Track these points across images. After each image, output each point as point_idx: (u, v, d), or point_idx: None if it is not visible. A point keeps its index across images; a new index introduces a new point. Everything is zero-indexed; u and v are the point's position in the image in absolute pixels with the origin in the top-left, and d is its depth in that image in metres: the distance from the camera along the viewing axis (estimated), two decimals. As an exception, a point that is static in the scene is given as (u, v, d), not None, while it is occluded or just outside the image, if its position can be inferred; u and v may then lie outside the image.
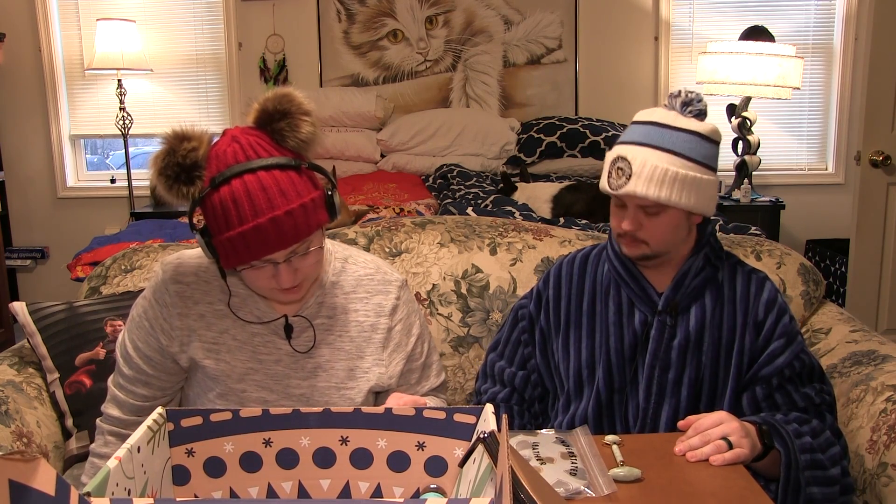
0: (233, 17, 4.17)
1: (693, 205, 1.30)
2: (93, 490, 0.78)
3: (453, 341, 1.79)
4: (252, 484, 1.03)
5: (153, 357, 1.28)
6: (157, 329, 1.27)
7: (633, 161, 1.29)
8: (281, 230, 1.10)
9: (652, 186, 1.28)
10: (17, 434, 1.44)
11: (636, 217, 1.32)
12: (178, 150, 1.11)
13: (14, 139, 4.29)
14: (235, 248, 1.12)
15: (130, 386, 1.29)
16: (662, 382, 1.36)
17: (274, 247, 1.11)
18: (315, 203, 1.14)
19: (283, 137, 1.14)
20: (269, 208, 1.09)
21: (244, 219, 1.09)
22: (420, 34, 4.16)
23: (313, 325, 1.28)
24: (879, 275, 3.31)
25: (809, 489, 1.25)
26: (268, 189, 1.10)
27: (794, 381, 1.35)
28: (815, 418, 1.32)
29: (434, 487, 1.02)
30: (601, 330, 1.42)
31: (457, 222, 1.92)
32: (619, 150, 1.32)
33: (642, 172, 1.28)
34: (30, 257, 4.35)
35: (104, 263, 1.89)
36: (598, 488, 1.08)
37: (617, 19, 4.10)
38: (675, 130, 1.30)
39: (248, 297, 1.28)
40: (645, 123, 1.32)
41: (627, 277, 1.40)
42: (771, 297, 1.38)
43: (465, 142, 3.86)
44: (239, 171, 1.10)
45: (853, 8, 3.95)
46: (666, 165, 1.28)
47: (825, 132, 4.15)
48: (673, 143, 1.29)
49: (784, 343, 1.35)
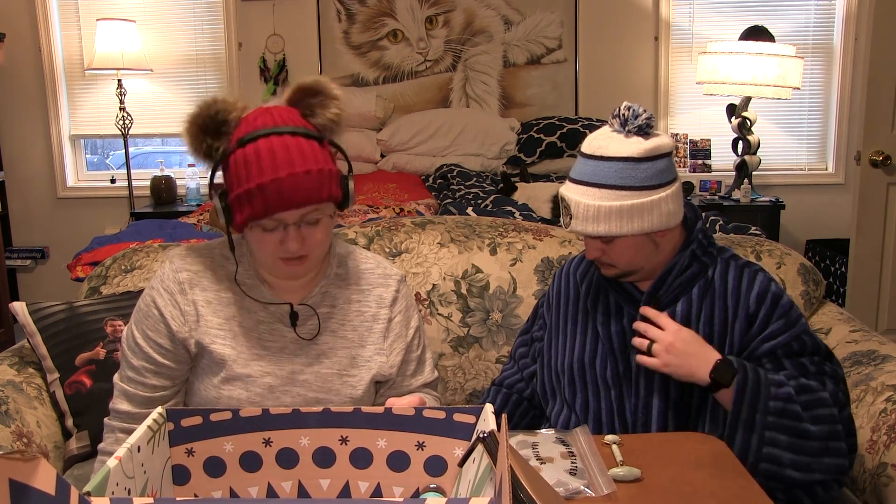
0: (233, 17, 4.17)
1: (642, 228, 1.31)
2: (93, 489, 0.78)
3: (453, 341, 1.79)
4: (252, 484, 1.03)
5: (163, 344, 1.29)
6: (166, 316, 1.28)
7: (570, 203, 1.33)
8: (297, 187, 1.15)
9: (590, 224, 1.31)
10: (17, 434, 1.44)
11: (596, 246, 1.37)
12: (213, 106, 1.19)
13: (14, 139, 4.29)
14: (252, 201, 1.16)
15: (140, 377, 1.30)
16: (650, 378, 1.36)
17: (289, 202, 1.16)
18: (332, 175, 1.20)
19: (312, 113, 1.23)
20: (289, 165, 1.15)
21: (264, 172, 1.15)
22: (420, 34, 4.16)
23: (318, 314, 1.31)
24: (879, 275, 3.31)
25: (770, 433, 1.23)
26: (290, 149, 1.16)
27: (795, 357, 1.32)
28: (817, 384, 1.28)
29: (434, 487, 1.02)
30: (593, 329, 1.44)
31: (457, 222, 1.92)
32: (561, 191, 1.37)
33: (578, 213, 1.32)
34: (30, 257, 4.35)
35: (104, 263, 1.89)
36: (597, 488, 1.08)
37: (617, 19, 4.10)
38: (607, 161, 1.31)
39: (253, 286, 1.30)
40: (584, 157, 1.35)
41: (612, 282, 1.44)
42: (762, 289, 1.36)
43: (465, 142, 3.87)
44: (265, 133, 1.17)
45: (853, 8, 3.95)
46: (597, 203, 1.30)
47: (825, 132, 4.15)
48: (604, 176, 1.31)
49: (783, 325, 1.33)
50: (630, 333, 1.39)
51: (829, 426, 1.25)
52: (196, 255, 1.33)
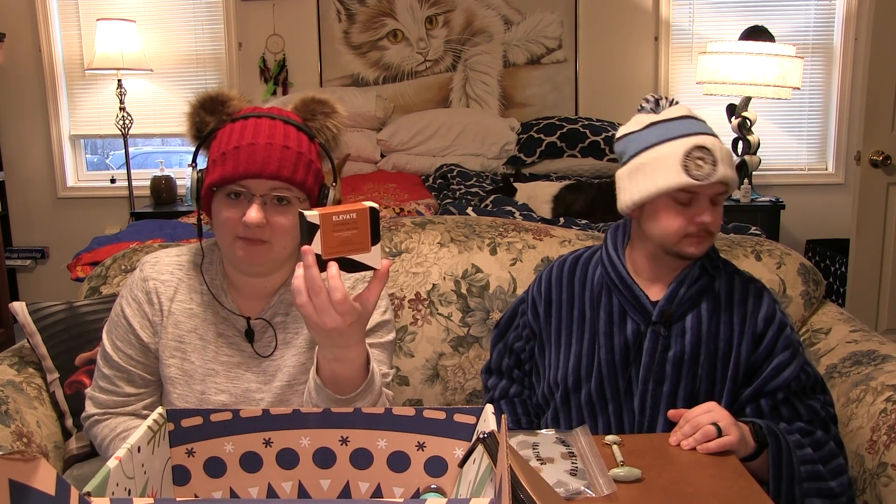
0: (233, 17, 4.17)
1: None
2: (93, 490, 0.78)
3: (453, 341, 1.79)
4: (252, 484, 1.03)
5: (132, 355, 1.29)
6: (135, 326, 1.28)
7: (713, 148, 1.28)
8: (272, 156, 1.16)
9: (729, 169, 1.30)
10: (17, 434, 1.44)
11: (708, 208, 1.31)
12: (220, 90, 1.25)
13: (14, 139, 4.29)
14: (226, 160, 1.17)
15: (112, 386, 1.29)
16: (657, 395, 1.35)
17: (261, 168, 1.15)
18: (311, 165, 1.21)
19: (313, 117, 1.26)
20: (270, 136, 1.17)
21: (244, 137, 1.17)
22: (420, 34, 4.16)
23: (273, 325, 1.28)
24: (879, 275, 3.31)
25: (811, 501, 1.25)
26: (276, 127, 1.19)
27: (799, 395, 1.34)
28: (819, 430, 1.32)
29: (434, 488, 1.02)
30: (591, 338, 1.40)
31: (457, 222, 1.92)
32: (694, 141, 1.29)
33: (725, 158, 1.29)
34: (30, 257, 4.35)
35: (104, 263, 1.89)
36: (598, 488, 1.07)
37: (617, 19, 4.10)
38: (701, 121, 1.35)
39: (220, 293, 1.29)
40: (675, 119, 1.34)
41: (620, 284, 1.39)
42: (770, 310, 1.36)
43: (465, 142, 3.86)
44: (257, 115, 1.21)
45: (853, 8, 3.95)
46: (726, 147, 1.32)
47: (825, 132, 4.15)
48: (705, 126, 1.34)
49: (789, 356, 1.34)
50: (633, 347, 1.36)
51: (844, 476, 1.29)
52: (165, 264, 1.32)
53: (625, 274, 1.39)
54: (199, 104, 1.25)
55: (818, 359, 1.67)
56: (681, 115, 1.33)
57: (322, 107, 1.26)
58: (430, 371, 1.78)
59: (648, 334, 1.35)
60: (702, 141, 1.29)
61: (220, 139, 1.20)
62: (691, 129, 1.31)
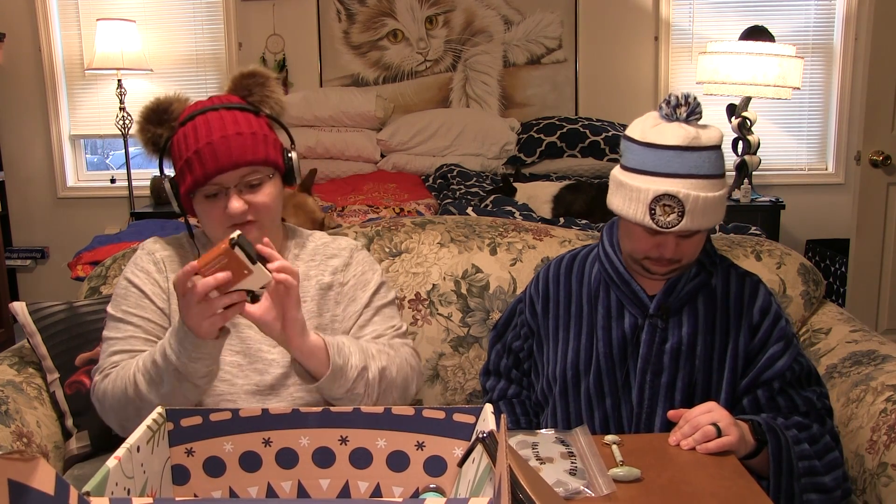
0: (233, 17, 4.17)
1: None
2: (92, 489, 0.78)
3: (453, 341, 1.79)
4: (252, 484, 1.03)
5: (147, 316, 1.32)
6: (147, 292, 1.33)
7: (684, 200, 1.23)
8: (230, 147, 1.23)
9: (700, 218, 1.24)
10: (17, 434, 1.44)
11: (672, 241, 1.28)
12: (155, 101, 1.33)
13: (14, 139, 4.29)
14: (191, 169, 1.24)
15: (127, 346, 1.29)
16: (655, 387, 1.35)
17: (225, 162, 1.22)
18: (267, 139, 1.28)
19: (250, 93, 1.32)
20: (222, 129, 1.24)
21: (199, 139, 1.24)
22: (420, 34, 4.16)
23: None
24: (879, 275, 3.31)
25: (807, 496, 1.26)
26: (224, 118, 1.26)
27: (794, 385, 1.35)
28: (815, 423, 1.32)
29: (433, 487, 1.02)
30: (588, 333, 1.41)
31: (457, 222, 1.92)
32: (662, 186, 1.24)
33: (695, 209, 1.23)
34: (30, 257, 4.35)
35: (104, 263, 1.89)
36: (597, 488, 1.07)
37: (617, 19, 4.10)
38: (701, 151, 1.25)
39: None
40: (668, 148, 1.25)
41: (617, 280, 1.39)
42: (765, 302, 1.37)
43: (465, 142, 3.87)
44: (202, 110, 1.27)
45: (853, 8, 3.95)
46: (709, 194, 1.24)
47: (825, 132, 4.15)
48: (708, 167, 1.24)
49: (783, 346, 1.35)
50: (631, 341, 1.37)
51: (842, 468, 1.30)
52: (167, 242, 1.40)
53: (622, 269, 1.39)
54: (144, 120, 1.32)
55: (818, 359, 1.67)
56: (676, 145, 1.24)
57: (254, 79, 1.32)
58: (430, 371, 1.79)
59: (646, 326, 1.36)
60: (676, 189, 1.23)
61: (178, 146, 1.27)
62: (675, 167, 1.24)
